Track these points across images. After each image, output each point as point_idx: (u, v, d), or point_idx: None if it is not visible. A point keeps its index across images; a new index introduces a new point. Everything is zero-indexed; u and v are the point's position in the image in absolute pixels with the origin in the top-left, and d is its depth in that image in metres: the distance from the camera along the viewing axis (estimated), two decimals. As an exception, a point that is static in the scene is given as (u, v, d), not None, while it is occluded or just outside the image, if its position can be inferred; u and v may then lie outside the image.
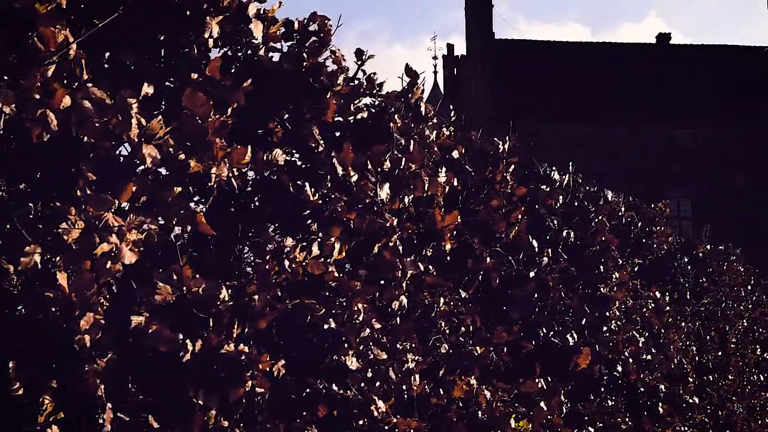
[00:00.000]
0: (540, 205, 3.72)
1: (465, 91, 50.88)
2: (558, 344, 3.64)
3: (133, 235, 1.87)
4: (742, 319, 6.97)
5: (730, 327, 6.45)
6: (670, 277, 5.38)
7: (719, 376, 6.18)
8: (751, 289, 7.49)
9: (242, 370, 2.04)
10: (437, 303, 2.88)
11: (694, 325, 5.66)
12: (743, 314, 7.02)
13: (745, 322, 7.10)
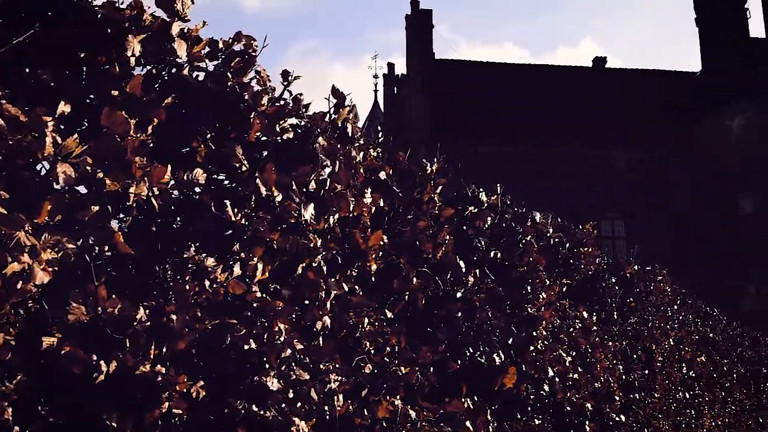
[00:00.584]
0: (468, 226, 3.76)
1: (405, 110, 51.22)
2: (484, 364, 3.67)
3: (47, 254, 1.84)
4: (669, 339, 7.11)
5: (656, 346, 6.58)
6: (597, 298, 5.47)
7: (645, 395, 6.29)
8: (677, 309, 7.66)
9: (159, 392, 2.02)
10: (362, 323, 2.89)
11: (621, 344, 5.76)
12: (669, 333, 7.16)
13: (671, 341, 7.24)
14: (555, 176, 44.80)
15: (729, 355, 10.63)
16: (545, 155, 45.03)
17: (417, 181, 3.39)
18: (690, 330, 8.17)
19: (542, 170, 44.63)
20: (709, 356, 9.18)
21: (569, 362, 4.55)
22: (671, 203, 46.96)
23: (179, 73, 2.37)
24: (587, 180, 45.40)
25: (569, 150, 45.40)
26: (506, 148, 44.56)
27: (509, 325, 3.93)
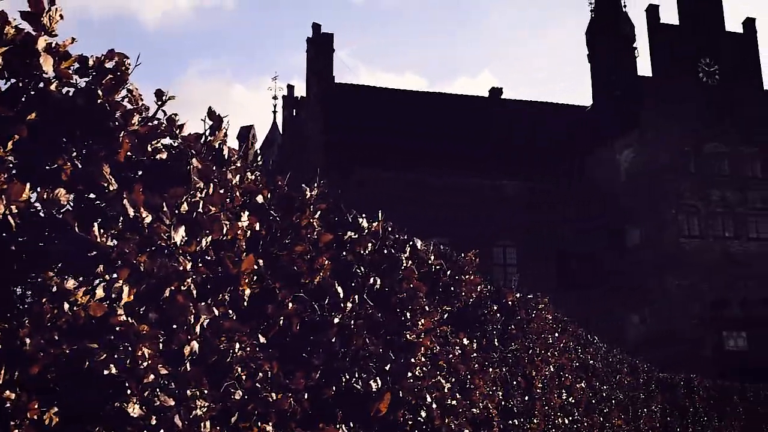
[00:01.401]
0: (348, 252, 3.77)
1: (304, 132, 51.20)
2: (360, 390, 3.68)
3: None
4: (549, 365, 7.28)
5: (536, 372, 6.72)
6: (479, 324, 5.55)
7: (525, 420, 6.40)
8: (558, 336, 7.85)
9: (7, 419, 1.95)
10: (233, 348, 2.85)
11: (501, 370, 5.86)
12: (550, 360, 7.33)
13: (551, 368, 7.41)
14: (448, 203, 45.49)
15: (609, 382, 10.95)
16: (439, 182, 45.73)
17: (296, 206, 3.38)
18: (570, 357, 8.38)
19: (436, 197, 45.26)
20: (588, 382, 9.43)
21: (448, 388, 4.60)
22: (560, 233, 48.30)
23: (45, 89, 2.30)
24: (480, 208, 46.29)
25: (463, 178, 46.25)
26: (401, 174, 45.05)
27: (387, 352, 3.95)
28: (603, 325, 44.05)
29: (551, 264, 47.78)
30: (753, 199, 44.21)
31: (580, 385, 8.75)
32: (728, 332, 42.24)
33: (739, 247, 43.32)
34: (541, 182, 48.45)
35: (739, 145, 44.52)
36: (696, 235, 42.55)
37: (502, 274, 45.98)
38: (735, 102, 45.14)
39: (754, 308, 42.85)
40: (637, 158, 43.35)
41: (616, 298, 44.31)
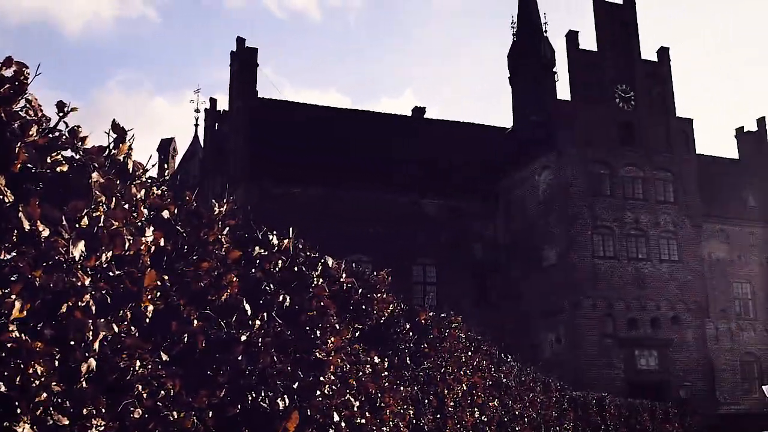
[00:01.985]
0: (257, 269, 3.74)
1: (226, 146, 50.73)
2: (267, 409, 3.64)
3: None
4: (462, 384, 7.33)
5: (448, 391, 6.76)
6: (391, 343, 5.56)
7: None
8: (471, 355, 7.92)
9: None
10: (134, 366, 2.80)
11: (413, 389, 5.87)
12: (462, 379, 7.38)
13: (464, 386, 7.47)
14: (369, 221, 45.63)
15: (521, 400, 11.09)
16: (361, 199, 45.86)
17: (204, 222, 3.34)
18: (483, 375, 8.46)
19: (357, 214, 45.37)
20: (501, 401, 9.54)
21: (357, 407, 4.59)
22: (479, 252, 48.91)
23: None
24: (401, 226, 46.54)
25: (384, 195, 46.47)
26: (323, 191, 45.03)
27: (296, 370, 3.92)
28: (519, 343, 44.66)
29: (470, 283, 48.30)
30: (665, 222, 45.49)
31: (492, 403, 8.83)
32: (640, 351, 43.23)
33: (651, 269, 44.46)
34: (461, 201, 49.01)
35: (653, 170, 45.80)
36: (610, 256, 43.54)
37: (422, 292, 46.29)
38: (649, 128, 46.48)
39: (664, 328, 44.01)
40: (555, 180, 44.22)
41: (532, 317, 45.02)
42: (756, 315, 52.60)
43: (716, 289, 50.97)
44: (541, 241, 45.14)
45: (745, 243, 53.26)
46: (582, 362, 41.35)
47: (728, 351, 50.61)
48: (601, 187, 44.22)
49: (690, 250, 45.94)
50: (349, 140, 48.38)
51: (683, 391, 41.82)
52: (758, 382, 49.33)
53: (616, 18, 47.78)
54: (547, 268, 44.40)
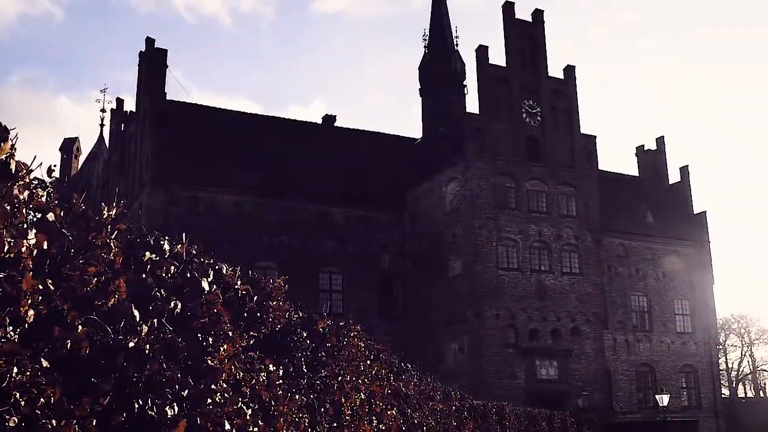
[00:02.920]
0: (148, 274, 3.68)
1: (131, 148, 49.72)
2: (155, 417, 3.58)
3: None
4: (360, 393, 7.35)
5: (345, 399, 6.77)
6: (287, 351, 5.54)
7: (332, 447, 6.43)
8: (370, 364, 7.95)
9: None
10: (11, 372, 2.72)
11: (309, 397, 5.86)
12: (360, 387, 7.40)
13: (362, 395, 7.49)
14: (276, 228, 45.38)
15: (421, 409, 11.18)
16: (268, 206, 45.56)
17: (92, 225, 3.27)
18: (383, 384, 8.50)
19: (264, 221, 45.07)
20: (400, 410, 9.60)
21: (250, 415, 4.55)
22: (386, 261, 49.16)
23: None
24: (308, 234, 46.44)
25: (292, 203, 46.30)
26: (229, 196, 44.56)
27: (186, 377, 3.87)
28: (423, 352, 45.03)
29: (376, 291, 48.50)
30: (567, 235, 46.62)
31: (391, 412, 8.88)
32: (540, 361, 44.14)
33: (553, 281, 45.49)
34: (370, 210, 49.20)
35: (557, 185, 46.89)
36: (514, 268, 44.35)
37: (327, 300, 46.20)
38: (555, 143, 47.62)
39: (564, 339, 45.05)
40: (461, 192, 44.83)
41: (437, 327, 45.48)
42: (651, 327, 54.38)
43: (615, 302, 52.51)
44: (447, 251, 45.68)
45: (642, 257, 55.03)
46: (484, 371, 41.96)
47: (625, 362, 52.17)
48: (507, 200, 45.06)
49: (590, 263, 47.20)
50: (259, 146, 48.02)
51: (581, 401, 42.88)
52: (652, 391, 50.94)
53: (526, 35, 48.85)
54: (452, 278, 44.95)
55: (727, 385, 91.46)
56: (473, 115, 46.32)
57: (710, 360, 57.62)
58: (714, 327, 60.15)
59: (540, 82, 48.45)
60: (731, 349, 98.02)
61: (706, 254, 58.49)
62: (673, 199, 60.34)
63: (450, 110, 57.16)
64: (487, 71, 46.78)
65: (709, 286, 58.10)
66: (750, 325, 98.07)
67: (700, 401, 55.75)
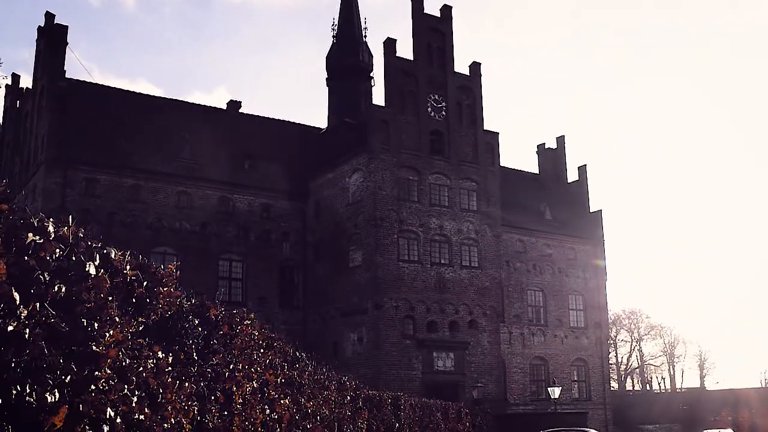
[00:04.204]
0: (30, 257, 3.57)
1: (27, 126, 48.00)
2: (34, 403, 3.50)
3: None
4: (252, 381, 7.32)
5: (237, 388, 6.73)
6: (178, 338, 5.47)
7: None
8: (264, 352, 7.92)
9: None
10: None
11: (199, 385, 5.81)
12: (253, 376, 7.37)
13: (254, 384, 7.46)
14: (177, 213, 44.61)
15: (315, 398, 11.20)
16: (169, 191, 44.74)
17: (-30, 205, 3.16)
18: (276, 373, 8.48)
19: (164, 206, 44.25)
20: (294, 398, 9.59)
21: (136, 402, 4.49)
22: (288, 250, 48.95)
23: None
24: (210, 220, 45.82)
25: (194, 188, 45.59)
26: (131, 180, 43.59)
27: (69, 363, 3.79)
28: (322, 342, 45.08)
29: (277, 280, 48.26)
30: (468, 230, 47.31)
31: (284, 401, 8.87)
32: (438, 353, 44.70)
33: (452, 274, 46.11)
34: (273, 199, 48.87)
35: (459, 179, 47.51)
36: (414, 260, 44.76)
37: (227, 288, 45.75)
38: (459, 138, 48.22)
39: (461, 331, 45.75)
40: (364, 183, 44.96)
41: (336, 317, 45.57)
42: (546, 322, 55.81)
43: (512, 296, 53.67)
44: (348, 242, 45.78)
45: (540, 253, 56.39)
46: (382, 362, 42.27)
47: (520, 354, 53.43)
48: (409, 192, 45.41)
49: (489, 257, 48.04)
50: (161, 129, 47.08)
51: (476, 392, 43.66)
52: (545, 384, 52.31)
53: (434, 30, 49.24)
54: (353, 269, 45.07)
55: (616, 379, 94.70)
56: (379, 107, 46.44)
57: (601, 354, 59.51)
58: (606, 322, 62.12)
59: (446, 77, 48.95)
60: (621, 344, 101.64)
61: (600, 251, 60.33)
62: (571, 197, 61.97)
63: (356, 101, 57.24)
64: (394, 64, 46.99)
65: (602, 283, 59.95)
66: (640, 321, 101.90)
67: (590, 394, 57.54)
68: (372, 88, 59.75)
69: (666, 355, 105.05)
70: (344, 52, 59.18)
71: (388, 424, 19.07)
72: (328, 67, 59.96)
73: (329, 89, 59.76)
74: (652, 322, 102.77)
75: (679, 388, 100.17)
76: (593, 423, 48.85)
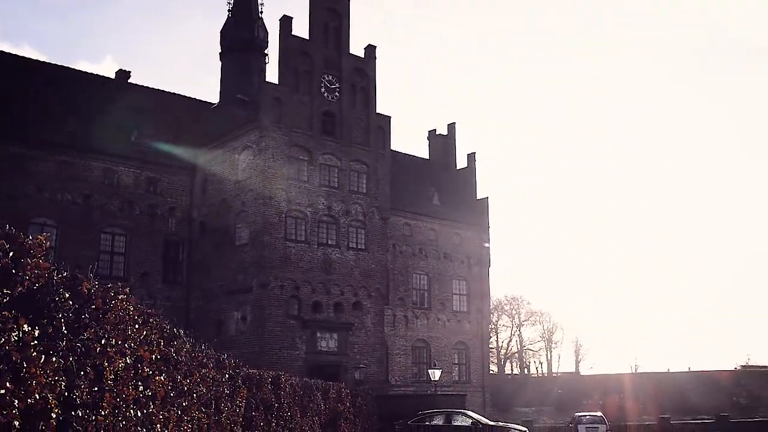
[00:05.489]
0: None
1: None
2: None
3: None
4: (125, 357, 7.20)
5: (109, 363, 6.61)
6: (47, 311, 5.33)
7: (90, 412, 6.27)
8: (139, 328, 7.79)
9: None
10: None
11: (68, 360, 5.68)
12: (126, 351, 7.24)
13: (128, 360, 7.34)
14: (58, 184, 43.18)
15: (192, 375, 11.08)
16: (50, 162, 43.24)
17: None
18: (152, 349, 8.36)
19: (44, 177, 42.74)
20: (170, 376, 9.48)
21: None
22: (173, 225, 48.08)
23: None
24: (94, 193, 44.53)
25: (77, 159, 44.20)
26: (7, 147, 41.90)
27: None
28: (205, 319, 44.56)
29: (161, 255, 47.38)
30: (356, 212, 47.51)
31: (159, 378, 8.75)
32: (322, 333, 44.83)
33: (339, 255, 46.26)
34: (159, 173, 47.89)
35: (350, 161, 47.61)
36: (302, 240, 44.67)
37: (109, 262, 44.64)
38: (351, 120, 48.27)
39: (346, 312, 46.01)
40: (254, 161, 44.52)
41: (220, 294, 45.12)
42: (430, 305, 56.75)
43: (397, 279, 54.30)
44: (235, 219, 45.32)
45: (426, 238, 57.21)
46: (265, 341, 42.13)
47: (403, 337, 54.18)
48: (299, 172, 45.24)
49: (376, 240, 48.41)
50: (44, 97, 45.39)
51: (358, 373, 44.04)
52: (427, 366, 53.22)
53: (330, 10, 49.06)
54: (239, 246, 44.66)
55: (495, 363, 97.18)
56: (272, 84, 46.01)
57: (482, 338, 60.94)
58: (488, 308, 63.64)
59: (341, 58, 48.89)
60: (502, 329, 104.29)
61: (485, 238, 61.64)
62: (459, 184, 63.04)
63: (250, 78, 56.58)
64: (289, 42, 46.61)
65: (485, 269, 61.31)
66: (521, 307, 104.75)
67: (470, 376, 58.90)
68: (266, 65, 59.16)
69: (544, 340, 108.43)
70: (239, 27, 58.35)
71: (268, 404, 19.04)
72: (222, 41, 59.02)
73: (223, 64, 58.85)
74: (533, 309, 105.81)
75: (556, 373, 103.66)
76: (472, 405, 50.01)
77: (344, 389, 29.49)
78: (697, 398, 60.81)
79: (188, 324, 42.14)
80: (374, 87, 50.39)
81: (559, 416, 56.79)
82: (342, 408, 28.03)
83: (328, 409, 26.14)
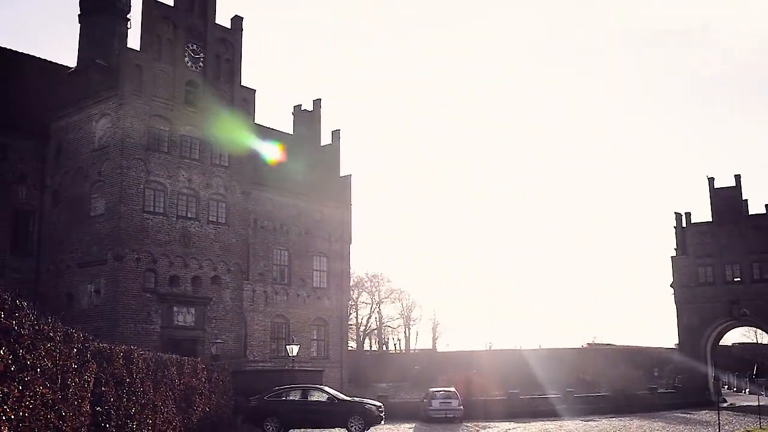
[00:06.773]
0: None
1: None
2: None
3: None
4: (-40, 329, 6.91)
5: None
6: None
7: None
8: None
9: None
10: None
11: None
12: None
13: (-37, 332, 7.05)
14: None
15: (36, 349, 10.74)
16: None
17: None
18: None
19: None
20: (10, 349, 9.16)
21: None
22: (23, 194, 46.07)
23: None
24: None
25: None
26: None
27: None
28: (56, 292, 43.01)
29: (9, 226, 45.38)
30: (217, 185, 46.80)
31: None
32: (179, 308, 44.08)
33: (198, 229, 45.49)
34: (9, 138, 45.78)
35: (211, 133, 46.84)
36: (160, 212, 43.64)
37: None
38: (215, 92, 47.37)
39: (204, 287, 45.41)
40: (112, 129, 43.12)
41: (73, 267, 43.64)
42: (290, 281, 56.73)
43: (257, 254, 53.96)
44: (91, 189, 43.82)
45: (288, 214, 57.06)
46: (120, 315, 41.07)
47: (262, 312, 53.97)
48: (159, 143, 44.14)
49: (237, 214, 47.91)
50: None
51: (215, 348, 43.62)
52: (285, 342, 53.22)
53: (196, -23, 47.87)
54: (94, 217, 43.25)
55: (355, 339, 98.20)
56: (134, 51, 44.57)
57: (341, 315, 61.43)
58: (348, 284, 64.13)
59: (207, 28, 47.88)
60: (362, 306, 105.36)
61: (347, 215, 62.02)
62: (323, 161, 63.08)
63: (110, 42, 54.64)
64: (153, 8, 45.25)
65: (346, 246, 61.73)
66: (381, 284, 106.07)
67: (328, 353, 59.31)
68: (128, 30, 57.19)
69: (403, 318, 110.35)
70: (100, -12, 56.08)
71: (119, 379, 18.67)
72: (81, 2, 56.60)
73: (81, 26, 56.47)
74: (392, 287, 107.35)
75: (414, 350, 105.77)
76: (330, 381, 50.46)
77: (200, 364, 29.17)
78: (546, 374, 63.53)
79: (39, 297, 40.55)
80: (240, 59, 49.66)
81: (415, 392, 58.10)
82: (197, 383, 27.74)
83: (182, 384, 25.83)
